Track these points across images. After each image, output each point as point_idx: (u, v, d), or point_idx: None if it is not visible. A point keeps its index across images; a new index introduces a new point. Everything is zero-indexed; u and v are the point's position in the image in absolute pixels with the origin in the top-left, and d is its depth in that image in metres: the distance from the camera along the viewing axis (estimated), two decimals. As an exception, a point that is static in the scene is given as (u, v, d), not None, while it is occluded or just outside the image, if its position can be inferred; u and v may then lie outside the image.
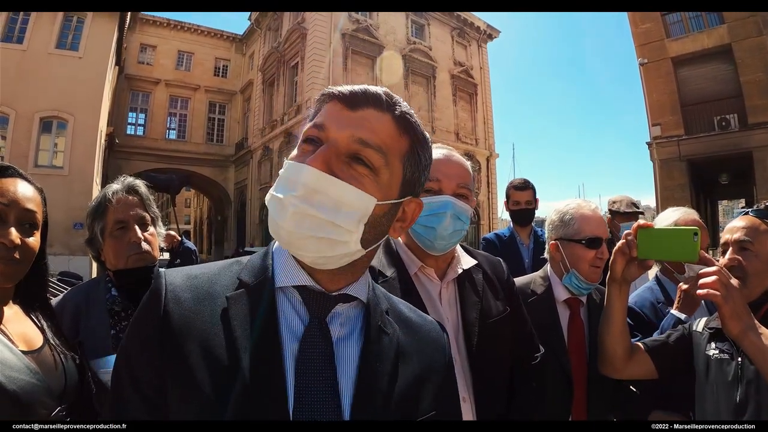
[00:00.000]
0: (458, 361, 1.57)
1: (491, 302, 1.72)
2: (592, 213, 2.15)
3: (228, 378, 0.80)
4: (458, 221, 1.60)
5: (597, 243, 2.09)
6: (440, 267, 1.70)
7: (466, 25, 33.84)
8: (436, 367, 1.04)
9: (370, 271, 1.55)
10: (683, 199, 15.65)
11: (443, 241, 1.59)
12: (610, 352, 1.77)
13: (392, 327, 1.00)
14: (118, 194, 1.93)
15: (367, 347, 0.93)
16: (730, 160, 17.04)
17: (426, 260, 1.67)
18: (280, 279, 0.90)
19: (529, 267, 3.92)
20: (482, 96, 34.73)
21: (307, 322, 0.89)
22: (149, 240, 1.95)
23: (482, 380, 1.58)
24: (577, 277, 2.11)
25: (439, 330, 1.13)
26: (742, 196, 21.42)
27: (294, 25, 28.07)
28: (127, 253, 1.87)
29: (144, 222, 1.96)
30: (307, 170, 0.81)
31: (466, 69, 33.43)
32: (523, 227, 4.21)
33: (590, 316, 2.21)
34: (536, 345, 1.87)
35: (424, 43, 30.90)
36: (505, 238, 4.21)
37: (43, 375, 1.27)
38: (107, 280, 1.94)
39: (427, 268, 1.67)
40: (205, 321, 0.85)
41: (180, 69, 32.79)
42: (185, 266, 0.95)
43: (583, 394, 2.09)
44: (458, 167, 1.66)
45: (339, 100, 0.88)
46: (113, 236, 1.90)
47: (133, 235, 1.89)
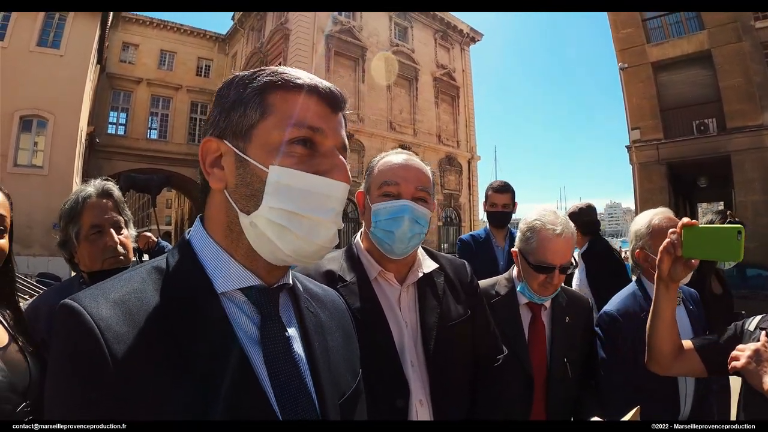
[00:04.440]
0: (416, 365, 1.60)
1: (452, 305, 1.73)
2: (553, 237, 2.05)
3: (206, 403, 0.74)
4: (417, 225, 1.62)
5: (546, 270, 2.06)
6: (401, 271, 1.72)
7: (449, 28, 33.80)
8: (349, 329, 1.15)
9: (328, 275, 1.65)
10: (662, 202, 15.76)
11: (402, 245, 1.61)
12: (657, 350, 1.79)
13: (312, 305, 1.03)
14: (92, 198, 1.95)
15: (306, 332, 0.95)
16: (708, 164, 16.99)
17: (386, 265, 1.69)
18: (221, 284, 0.85)
19: (503, 268, 3.87)
20: (464, 99, 34.68)
21: (257, 322, 0.87)
22: (124, 243, 1.97)
23: (440, 384, 1.60)
24: (529, 289, 2.15)
25: (336, 295, 1.21)
26: (721, 199, 21.30)
27: (277, 26, 27.82)
28: (104, 257, 1.90)
29: (118, 225, 1.98)
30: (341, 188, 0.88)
31: (449, 72, 33.39)
32: (498, 229, 4.24)
33: (553, 318, 2.23)
34: (499, 346, 1.89)
35: (407, 46, 30.77)
36: (481, 240, 4.24)
37: (8, 372, 1.30)
38: (81, 281, 1.96)
39: (387, 273, 1.69)
40: (158, 353, 0.74)
41: (162, 68, 32.29)
42: (92, 289, 0.79)
43: (543, 394, 2.13)
44: (416, 171, 1.68)
45: (323, 100, 0.88)
46: (89, 240, 1.92)
47: (110, 239, 1.91)
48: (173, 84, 32.17)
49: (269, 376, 0.83)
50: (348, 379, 1.01)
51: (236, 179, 0.86)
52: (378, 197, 1.66)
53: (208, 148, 0.90)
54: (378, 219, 1.63)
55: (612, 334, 2.23)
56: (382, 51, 28.60)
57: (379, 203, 1.64)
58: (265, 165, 0.83)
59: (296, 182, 0.83)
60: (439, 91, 32.64)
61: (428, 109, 31.44)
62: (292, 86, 0.86)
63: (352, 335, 1.14)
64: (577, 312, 2.31)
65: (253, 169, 0.84)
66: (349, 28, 27.65)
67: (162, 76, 32.04)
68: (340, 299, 1.20)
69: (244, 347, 0.82)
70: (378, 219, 1.63)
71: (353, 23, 27.92)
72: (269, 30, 29.14)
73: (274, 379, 0.83)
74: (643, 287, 2.35)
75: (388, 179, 1.66)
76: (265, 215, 0.83)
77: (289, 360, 0.87)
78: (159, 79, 31.84)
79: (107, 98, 29.92)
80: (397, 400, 1.53)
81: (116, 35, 30.20)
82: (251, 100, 0.86)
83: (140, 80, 31.03)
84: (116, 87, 30.56)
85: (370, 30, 28.81)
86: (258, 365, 0.82)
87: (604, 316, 2.30)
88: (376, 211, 1.64)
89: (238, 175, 0.86)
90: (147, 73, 31.37)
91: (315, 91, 0.87)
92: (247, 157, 0.85)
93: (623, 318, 2.23)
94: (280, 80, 0.86)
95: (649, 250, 2.30)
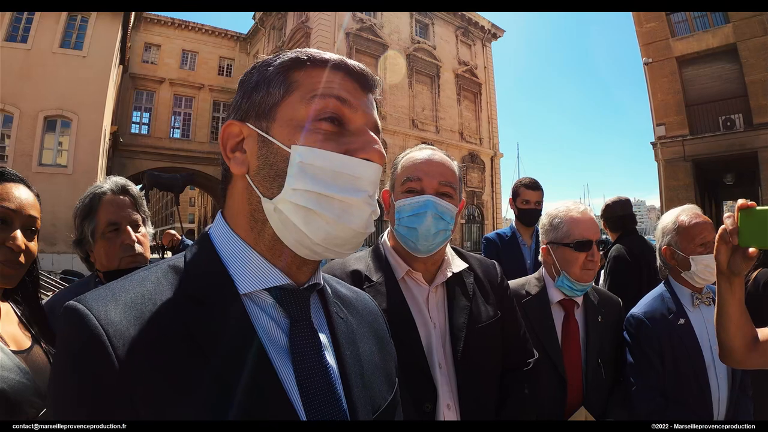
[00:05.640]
0: (444, 367, 1.56)
1: (481, 307, 1.68)
2: (580, 215, 2.13)
3: (223, 417, 0.67)
4: (441, 221, 1.57)
5: (586, 246, 2.07)
6: (429, 271, 1.68)
7: (471, 25, 33.82)
8: (383, 334, 1.06)
9: (354, 275, 1.61)
10: (688, 200, 15.18)
11: (426, 242, 1.56)
12: (728, 346, 1.61)
13: (342, 311, 0.95)
14: (108, 194, 1.91)
15: (336, 339, 0.87)
16: (735, 160, 16.85)
17: (414, 264, 1.65)
18: (244, 285, 0.77)
19: (531, 267, 3.87)
20: (486, 95, 34.68)
21: (286, 327, 0.79)
22: (141, 241, 1.91)
23: (468, 387, 1.55)
24: (569, 279, 2.10)
25: (368, 298, 1.12)
26: (747, 197, 21.22)
27: (298, 24, 28.13)
28: (120, 255, 1.84)
29: (136, 223, 1.93)
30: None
31: (471, 68, 33.40)
32: (527, 227, 4.14)
33: (586, 317, 2.19)
34: (530, 350, 1.83)
35: (429, 43, 30.89)
36: (507, 238, 4.14)
37: (32, 375, 1.27)
38: (96, 281, 1.91)
39: (415, 273, 1.65)
40: (171, 361, 0.67)
41: (184, 68, 32.79)
42: (101, 290, 0.73)
43: (579, 394, 2.06)
44: (440, 165, 1.63)
45: (351, 76, 0.83)
46: (105, 238, 1.86)
47: (127, 237, 1.86)
48: (195, 83, 32.67)
49: (299, 389, 0.75)
50: (383, 390, 0.92)
51: (258, 161, 0.80)
52: (401, 194, 1.63)
53: (230, 132, 0.83)
54: (401, 216, 1.60)
55: (638, 338, 2.19)
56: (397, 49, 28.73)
57: (402, 199, 1.61)
58: (288, 144, 0.77)
59: (321, 162, 0.76)
60: (461, 87, 32.74)
61: (450, 106, 31.60)
62: (318, 61, 0.81)
63: (386, 340, 1.06)
64: (608, 311, 2.28)
65: (276, 149, 0.78)
66: (370, 25, 27.85)
67: (184, 76, 32.55)
68: (373, 302, 1.12)
69: (270, 356, 0.74)
70: (401, 216, 1.60)
71: (374, 21, 28.13)
72: (290, 29, 29.53)
73: (303, 392, 0.75)
74: (672, 289, 2.30)
75: (410, 175, 1.63)
76: (289, 198, 0.76)
77: (321, 371, 0.79)
78: (181, 78, 32.34)
79: (130, 98, 30.49)
80: (425, 403, 1.49)
81: (138, 36, 30.73)
82: (275, 78, 0.81)
83: (163, 80, 31.55)
84: (139, 87, 31.10)
85: (391, 27, 29.03)
86: (286, 376, 0.74)
87: (631, 319, 2.27)
88: (399, 208, 1.61)
89: (260, 156, 0.80)
90: (169, 73, 31.90)
91: (343, 66, 0.82)
92: (269, 137, 0.79)
93: (650, 321, 2.19)
94: (306, 56, 0.82)
95: (675, 246, 2.26)
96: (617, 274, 3.87)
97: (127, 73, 29.49)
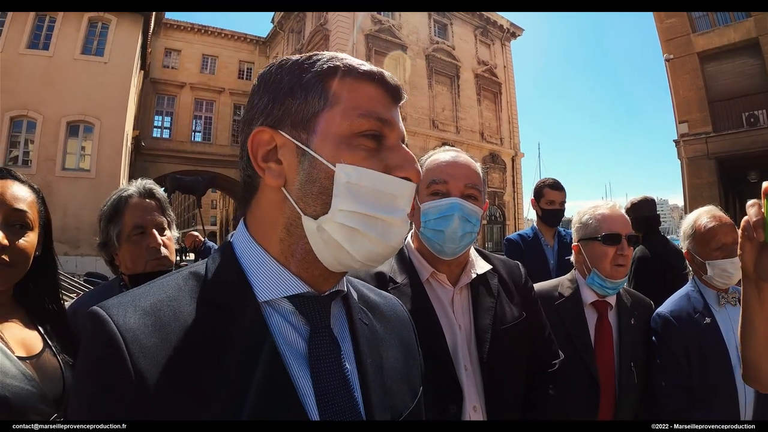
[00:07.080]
0: (470, 369, 1.55)
1: (506, 308, 1.68)
2: (609, 211, 2.16)
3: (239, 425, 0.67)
4: (468, 223, 1.57)
5: (615, 239, 2.07)
6: (453, 272, 1.67)
7: (489, 24, 33.60)
8: (410, 341, 1.04)
9: (379, 277, 1.59)
10: (711, 198, 15.21)
11: (453, 245, 1.56)
12: (754, 366, 1.28)
13: (367, 317, 0.93)
14: (134, 198, 1.91)
15: (357, 347, 0.85)
16: (759, 158, 16.45)
17: (438, 266, 1.65)
18: (264, 293, 0.76)
19: (554, 268, 3.87)
20: (507, 95, 34.40)
21: (306, 335, 0.78)
22: (167, 245, 1.91)
23: (494, 389, 1.54)
24: (600, 276, 2.09)
25: (398, 303, 1.10)
26: None
27: (317, 27, 28.21)
28: (146, 258, 1.84)
29: (161, 226, 1.93)
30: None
31: (490, 68, 33.17)
32: (550, 227, 4.12)
33: (620, 319, 2.18)
34: (555, 351, 1.81)
35: (447, 43, 30.78)
36: (529, 239, 4.12)
37: (39, 381, 1.24)
38: (121, 284, 1.91)
39: (439, 274, 1.64)
40: (188, 369, 0.67)
41: (204, 72, 33.14)
42: (123, 296, 0.73)
43: (612, 397, 2.05)
44: (465, 168, 1.64)
45: (387, 91, 0.81)
46: (131, 241, 1.86)
47: (153, 240, 1.86)
48: (216, 87, 32.99)
49: (316, 397, 0.74)
50: (406, 399, 0.91)
51: (299, 176, 0.77)
52: (427, 196, 1.62)
53: (260, 140, 0.80)
54: (427, 219, 1.60)
55: (664, 337, 2.16)
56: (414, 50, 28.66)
57: (428, 202, 1.60)
58: (332, 161, 0.75)
59: (366, 182, 0.76)
60: (481, 87, 32.53)
61: (470, 107, 31.43)
62: (358, 74, 0.79)
63: (413, 348, 1.04)
64: (640, 313, 2.26)
65: (319, 164, 0.76)
66: (389, 26, 27.83)
67: (205, 80, 32.90)
68: (402, 308, 1.10)
69: (288, 364, 0.73)
70: (427, 219, 1.60)
71: (392, 22, 28.10)
72: (309, 31, 29.66)
73: (321, 401, 0.74)
74: (698, 288, 2.27)
75: (436, 177, 1.62)
76: (336, 219, 0.74)
77: (340, 380, 0.78)
78: (202, 83, 32.70)
79: (152, 103, 30.95)
80: (451, 405, 1.48)
81: (158, 42, 31.15)
82: (313, 86, 0.78)
83: (183, 84, 31.96)
84: (160, 91, 31.57)
85: (409, 28, 28.99)
86: (303, 385, 0.74)
87: (657, 318, 2.24)
88: (425, 211, 1.60)
89: (301, 171, 0.77)
90: (190, 78, 32.29)
91: (382, 80, 0.80)
92: (311, 151, 0.76)
93: (676, 320, 2.16)
94: (345, 66, 0.79)
95: (693, 251, 2.25)
96: (641, 274, 3.79)
97: (148, 78, 29.91)
